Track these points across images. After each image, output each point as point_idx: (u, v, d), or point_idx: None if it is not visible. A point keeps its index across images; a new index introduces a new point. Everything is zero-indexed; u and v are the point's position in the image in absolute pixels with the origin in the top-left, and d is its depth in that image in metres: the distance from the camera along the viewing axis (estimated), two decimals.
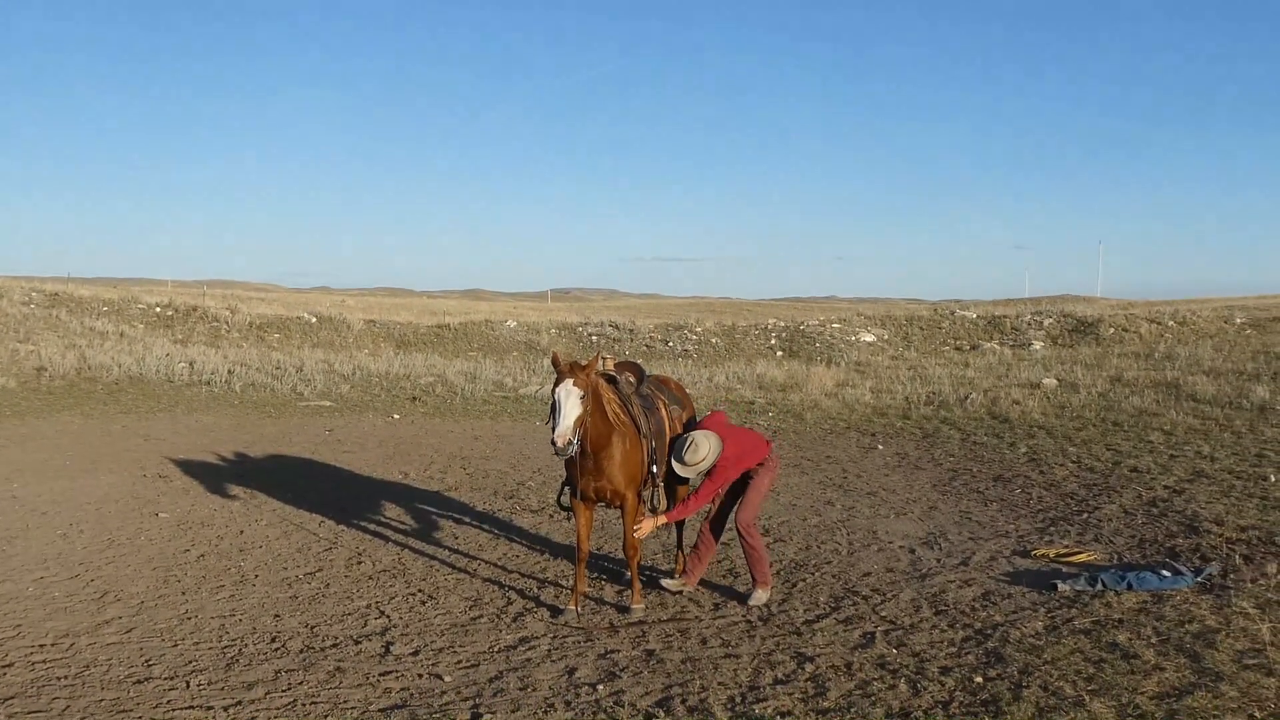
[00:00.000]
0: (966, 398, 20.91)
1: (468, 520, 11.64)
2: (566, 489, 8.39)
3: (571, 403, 7.46)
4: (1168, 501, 11.95)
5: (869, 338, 32.97)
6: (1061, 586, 8.63)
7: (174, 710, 6.25)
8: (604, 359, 8.21)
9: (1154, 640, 7.26)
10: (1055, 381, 22.44)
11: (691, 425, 8.95)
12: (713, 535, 8.78)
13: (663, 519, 8.46)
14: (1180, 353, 26.08)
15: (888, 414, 20.09)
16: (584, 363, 7.74)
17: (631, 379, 8.65)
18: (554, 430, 7.44)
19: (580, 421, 7.51)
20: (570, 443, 7.43)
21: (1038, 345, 30.78)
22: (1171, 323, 32.18)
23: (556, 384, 7.56)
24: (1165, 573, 8.76)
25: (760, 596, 8.47)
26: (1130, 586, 8.50)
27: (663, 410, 8.73)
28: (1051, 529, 11.05)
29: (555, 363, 7.72)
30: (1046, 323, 33.36)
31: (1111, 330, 31.69)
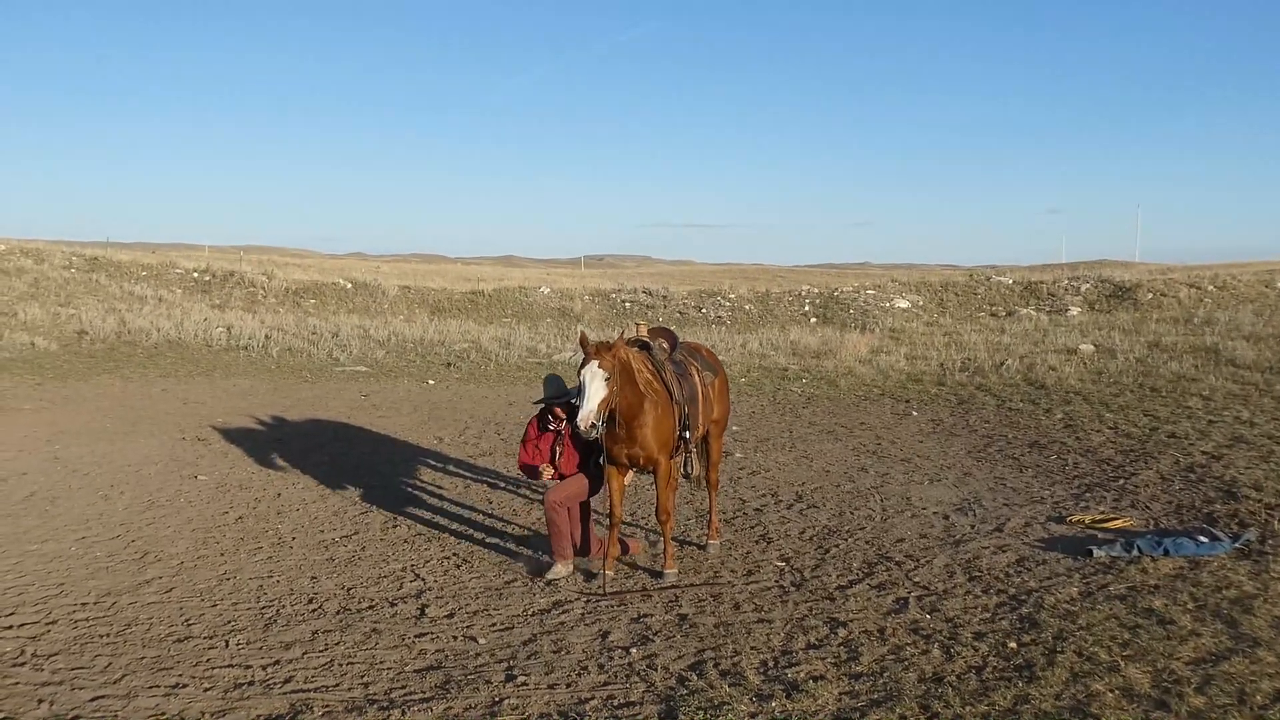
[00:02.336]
0: (1002, 364, 20.75)
1: (502, 485, 11.68)
2: (600, 457, 8.40)
3: (596, 385, 7.49)
4: (1205, 467, 11.82)
5: (904, 304, 32.74)
6: (1097, 552, 8.56)
7: (213, 669, 6.33)
8: (636, 325, 8.19)
9: (1190, 606, 7.20)
10: (1092, 347, 22.21)
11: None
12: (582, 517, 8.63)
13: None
14: (1220, 317, 25.72)
15: (922, 380, 19.98)
16: (611, 342, 7.73)
17: (665, 345, 8.64)
18: (578, 413, 7.47)
19: (606, 404, 7.54)
20: (595, 425, 7.47)
21: (1075, 311, 30.46)
22: (1211, 287, 31.72)
23: (583, 365, 7.59)
24: (1202, 539, 8.68)
25: (559, 570, 8.32)
26: (1167, 552, 8.42)
27: (695, 376, 8.73)
28: (1087, 495, 10.96)
29: (583, 344, 7.72)
30: (1084, 288, 32.99)
31: (1150, 295, 31.29)
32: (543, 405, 8.52)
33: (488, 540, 9.40)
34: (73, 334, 24.75)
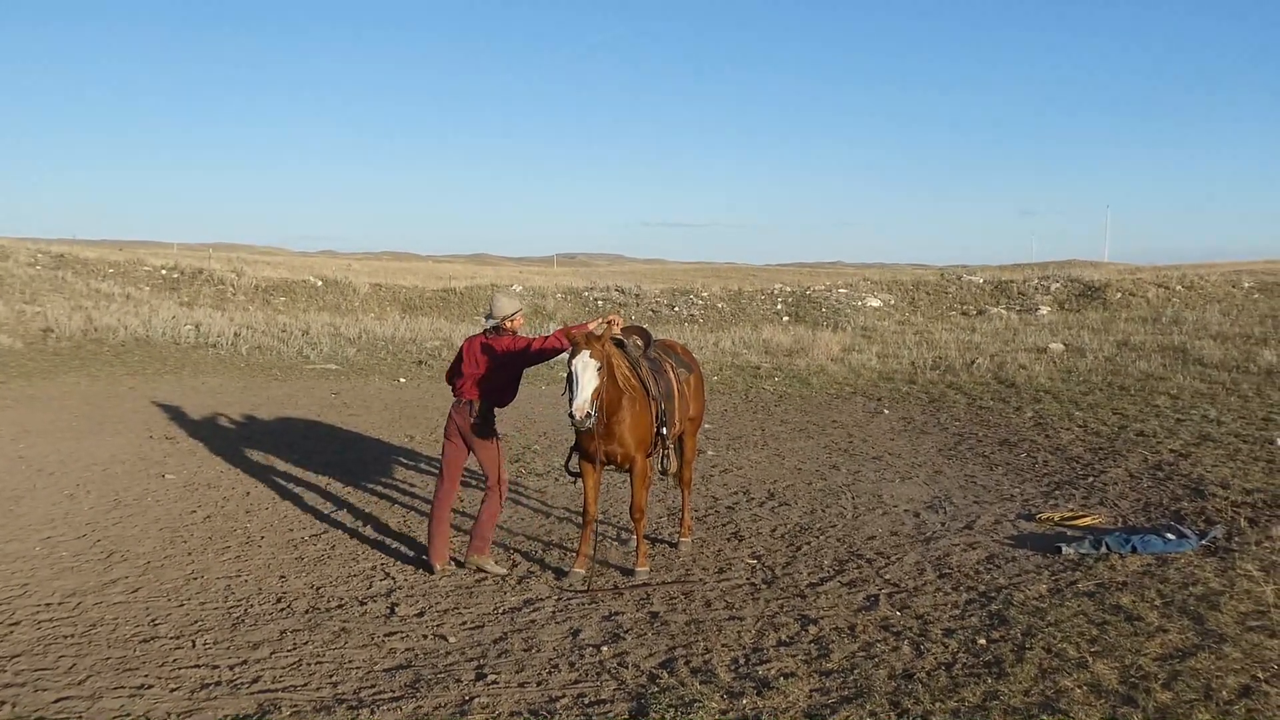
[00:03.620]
0: (973, 362, 20.87)
1: (474, 484, 11.64)
2: (575, 454, 8.38)
3: (589, 375, 7.43)
4: (1173, 465, 11.93)
5: (875, 303, 32.87)
6: (1066, 550, 8.62)
7: (180, 669, 6.27)
8: (608, 320, 8.12)
9: (1158, 603, 7.26)
10: (1062, 346, 22.37)
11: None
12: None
13: None
14: (1187, 317, 25.99)
15: (894, 379, 20.06)
16: (599, 333, 7.69)
17: (639, 342, 8.63)
18: (571, 404, 7.42)
19: (598, 393, 7.50)
20: (589, 415, 7.40)
21: (1045, 310, 30.67)
22: (1179, 287, 32.02)
23: (572, 356, 7.53)
24: (1170, 536, 8.75)
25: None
26: (1135, 550, 8.49)
27: (670, 373, 8.73)
28: (1057, 493, 11.04)
29: (569, 335, 7.68)
30: (1054, 287, 33.22)
31: (1119, 295, 31.56)
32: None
33: (457, 539, 9.35)
34: (38, 331, 24.48)
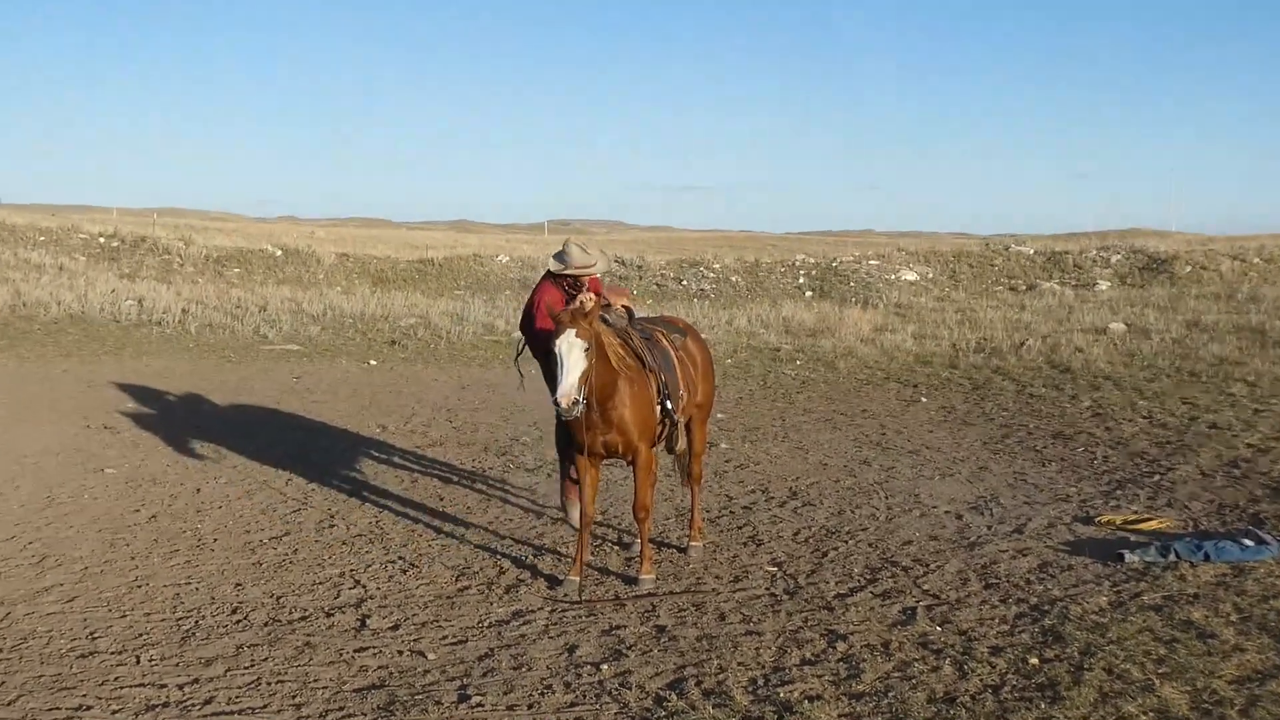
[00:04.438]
0: (1022, 344, 20.85)
1: (454, 479, 11.65)
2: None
3: (575, 356, 7.40)
4: (1251, 462, 11.93)
5: (911, 276, 32.86)
6: (1129, 557, 8.61)
7: (122, 688, 6.28)
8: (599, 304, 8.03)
9: (1234, 618, 7.25)
10: (1123, 326, 22.36)
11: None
12: None
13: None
14: (1266, 294, 25.95)
15: (932, 362, 20.06)
16: (586, 308, 7.67)
17: (623, 308, 8.56)
18: (556, 390, 7.40)
19: (585, 377, 7.47)
20: (576, 402, 7.38)
21: (1104, 285, 30.66)
22: (1257, 260, 32.01)
23: (556, 335, 7.50)
24: (1247, 542, 8.74)
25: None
26: (1207, 557, 8.48)
27: (663, 340, 8.65)
28: (1118, 492, 11.03)
29: (551, 312, 7.66)
30: (1114, 259, 33.20)
31: (1188, 268, 31.55)
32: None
33: (438, 542, 9.36)
34: None
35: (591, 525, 8.41)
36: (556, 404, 7.40)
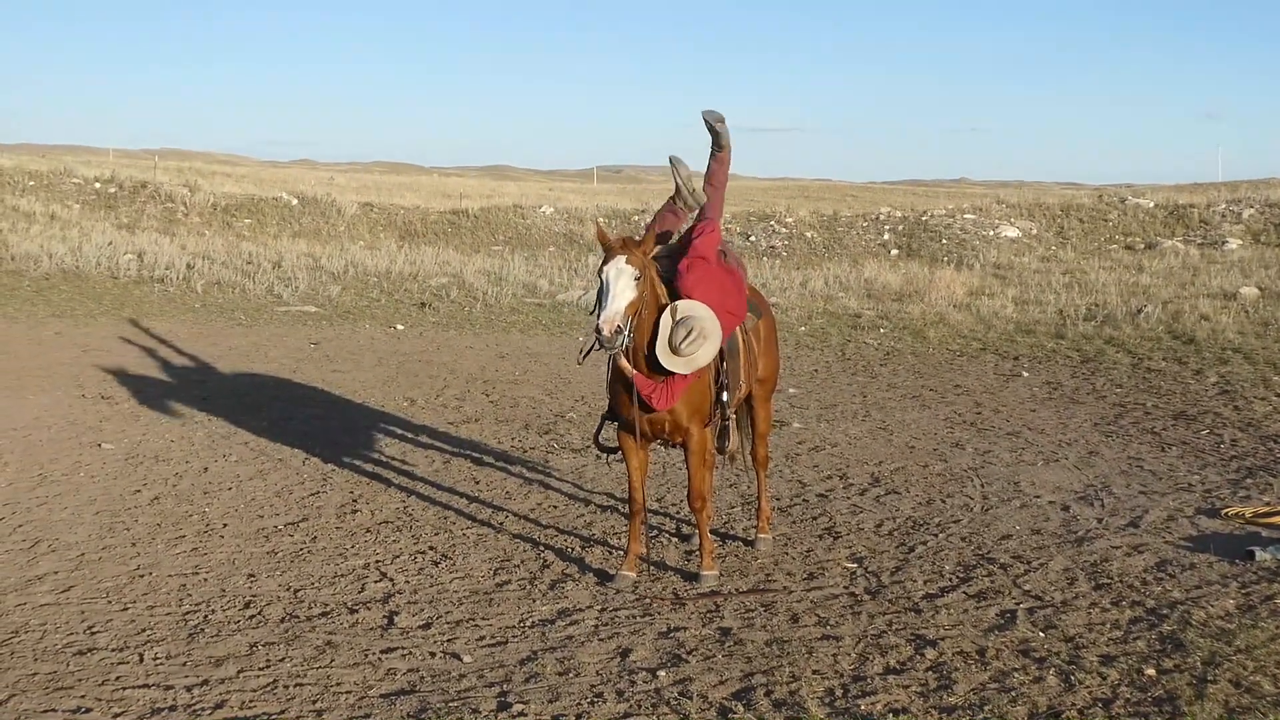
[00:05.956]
0: (1139, 311, 20.64)
1: (491, 460, 11.71)
2: (608, 422, 8.37)
3: (624, 283, 7.43)
4: None
5: (1012, 233, 32.56)
6: (1260, 555, 8.54)
7: (124, 689, 6.35)
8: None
9: None
10: (1256, 291, 22.05)
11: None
12: None
13: None
14: None
15: (1035, 332, 19.90)
16: (638, 238, 7.71)
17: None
18: (600, 315, 7.42)
19: (634, 308, 7.48)
20: (619, 330, 7.38)
21: (1234, 244, 30.22)
22: None
23: (605, 263, 7.56)
24: None
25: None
26: None
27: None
28: (1248, 481, 10.93)
29: (601, 238, 7.79)
30: (1246, 214, 32.72)
31: None
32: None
33: (473, 531, 9.42)
34: None
35: (645, 514, 8.42)
36: (598, 331, 7.40)
